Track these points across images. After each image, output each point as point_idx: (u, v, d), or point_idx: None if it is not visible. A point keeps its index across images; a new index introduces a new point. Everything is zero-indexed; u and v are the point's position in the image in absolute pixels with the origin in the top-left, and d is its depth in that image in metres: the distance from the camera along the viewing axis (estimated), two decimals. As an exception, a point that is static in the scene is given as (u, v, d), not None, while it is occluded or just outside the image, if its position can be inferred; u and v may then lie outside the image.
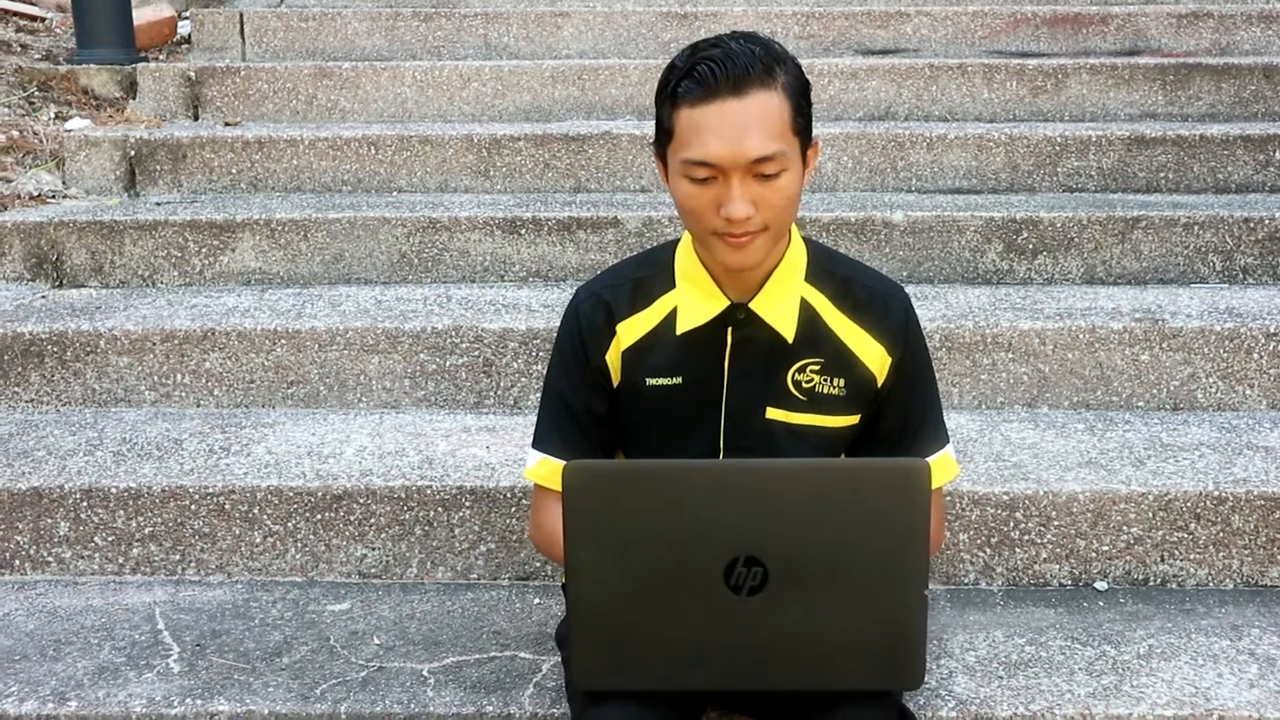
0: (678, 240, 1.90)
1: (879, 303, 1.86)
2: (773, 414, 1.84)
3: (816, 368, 1.84)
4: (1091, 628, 2.22)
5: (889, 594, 1.59)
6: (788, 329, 1.82)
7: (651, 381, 1.85)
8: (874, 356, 1.85)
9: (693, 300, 1.84)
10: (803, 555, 1.58)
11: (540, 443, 1.91)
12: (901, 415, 1.89)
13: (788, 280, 1.83)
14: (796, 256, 1.85)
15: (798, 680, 1.63)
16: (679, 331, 1.84)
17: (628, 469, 1.68)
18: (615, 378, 1.88)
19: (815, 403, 1.85)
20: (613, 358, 1.87)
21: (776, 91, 1.68)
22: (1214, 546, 2.39)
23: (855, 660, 1.61)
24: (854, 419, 1.88)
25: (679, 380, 1.85)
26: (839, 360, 1.85)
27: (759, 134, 1.66)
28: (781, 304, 1.83)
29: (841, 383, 1.85)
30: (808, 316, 1.84)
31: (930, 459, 1.80)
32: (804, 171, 1.74)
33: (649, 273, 1.89)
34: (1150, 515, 2.39)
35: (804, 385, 1.84)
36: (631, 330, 1.86)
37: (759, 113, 1.66)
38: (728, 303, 1.83)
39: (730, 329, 1.83)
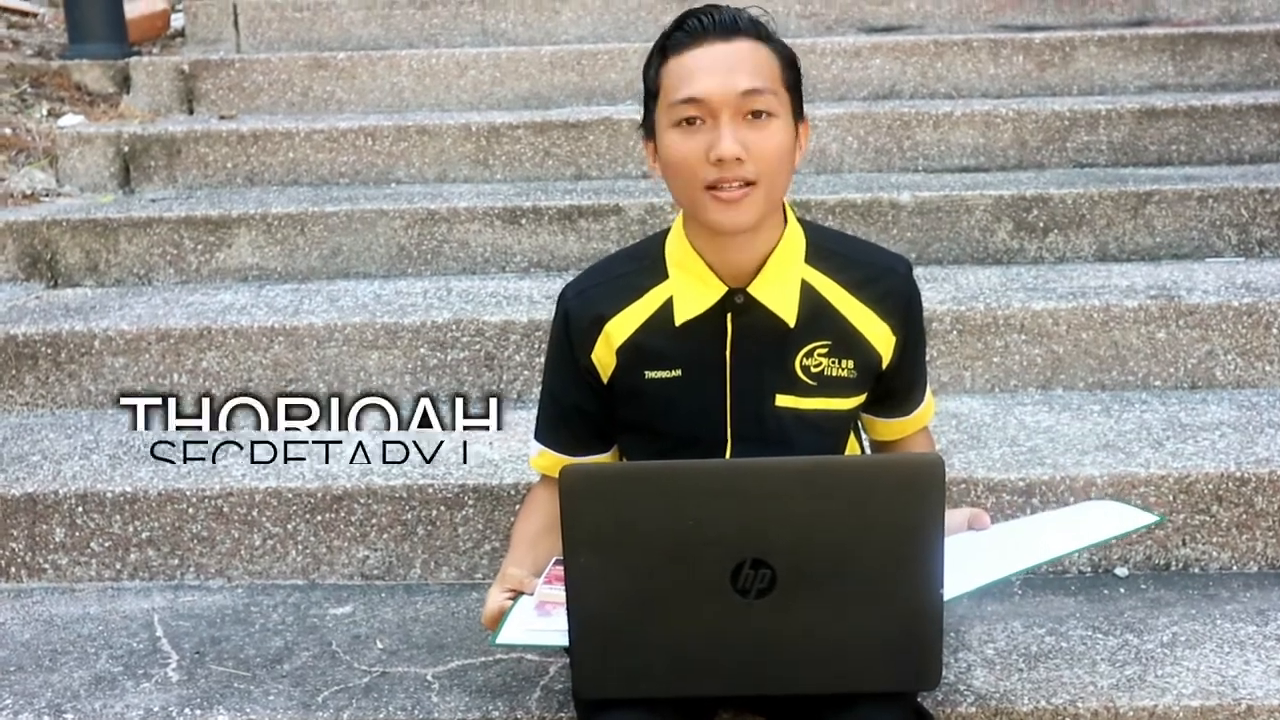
0: (666, 231, 1.85)
1: (882, 277, 1.82)
2: (782, 401, 1.79)
3: (824, 350, 1.79)
4: (1113, 616, 2.17)
5: (903, 594, 1.53)
6: (789, 313, 1.77)
7: (650, 375, 1.80)
8: (880, 335, 1.81)
9: (688, 289, 1.79)
10: (812, 556, 1.52)
11: (539, 435, 1.93)
12: (902, 382, 1.89)
13: (786, 263, 1.78)
14: (794, 239, 1.80)
15: (809, 684, 1.57)
16: (677, 323, 1.78)
17: (626, 471, 1.63)
18: (606, 375, 1.83)
19: (825, 386, 1.79)
20: (602, 356, 1.82)
21: (765, 45, 1.69)
22: (1237, 529, 2.33)
23: (869, 662, 1.56)
24: (861, 398, 1.84)
25: (678, 373, 1.79)
26: (846, 340, 1.79)
27: (748, 70, 1.66)
28: (782, 287, 1.77)
29: (851, 364, 1.80)
30: (810, 298, 1.78)
31: (920, 410, 1.96)
32: (795, 141, 1.72)
33: (637, 265, 1.84)
34: (1171, 498, 2.33)
35: (813, 370, 1.79)
36: (623, 326, 1.81)
37: (748, 53, 1.68)
38: (725, 289, 1.77)
39: (730, 316, 1.78)
